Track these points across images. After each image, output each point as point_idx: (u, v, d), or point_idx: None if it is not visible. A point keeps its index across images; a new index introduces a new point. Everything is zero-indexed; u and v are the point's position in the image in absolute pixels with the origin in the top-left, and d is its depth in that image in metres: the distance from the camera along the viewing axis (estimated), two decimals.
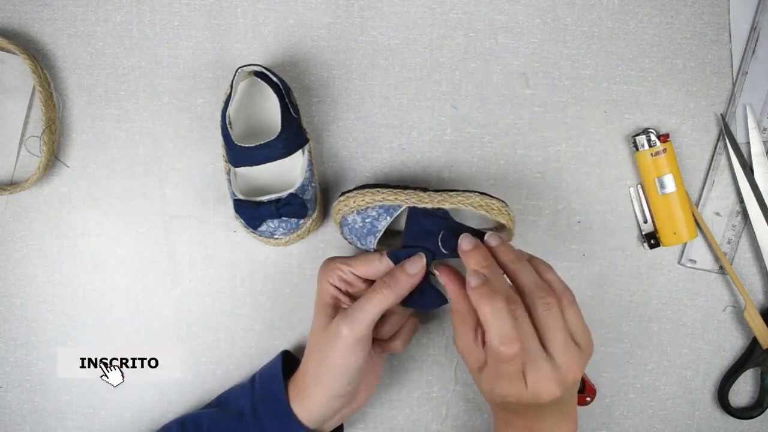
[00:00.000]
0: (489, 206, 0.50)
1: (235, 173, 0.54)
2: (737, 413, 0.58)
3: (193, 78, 0.57)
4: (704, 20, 0.57)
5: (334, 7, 0.57)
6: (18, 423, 0.60)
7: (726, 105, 0.58)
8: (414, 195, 0.50)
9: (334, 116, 0.57)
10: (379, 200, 0.50)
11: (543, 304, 0.44)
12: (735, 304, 0.59)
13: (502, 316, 0.42)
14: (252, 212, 0.52)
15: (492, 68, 0.57)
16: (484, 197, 0.50)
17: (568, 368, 0.43)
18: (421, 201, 0.50)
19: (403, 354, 0.59)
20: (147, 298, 0.59)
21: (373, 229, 0.51)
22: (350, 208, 0.51)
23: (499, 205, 0.50)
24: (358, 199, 0.51)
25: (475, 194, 0.50)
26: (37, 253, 0.59)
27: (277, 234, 0.53)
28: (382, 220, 0.51)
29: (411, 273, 0.48)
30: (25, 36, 0.57)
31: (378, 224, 0.51)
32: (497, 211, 0.50)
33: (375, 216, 0.51)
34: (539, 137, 0.58)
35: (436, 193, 0.51)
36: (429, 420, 0.59)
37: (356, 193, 0.51)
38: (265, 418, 0.50)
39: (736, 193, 0.58)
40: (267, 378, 0.53)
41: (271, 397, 0.51)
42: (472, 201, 0.50)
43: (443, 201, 0.50)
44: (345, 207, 0.52)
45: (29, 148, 0.58)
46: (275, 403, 0.50)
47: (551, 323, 0.43)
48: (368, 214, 0.51)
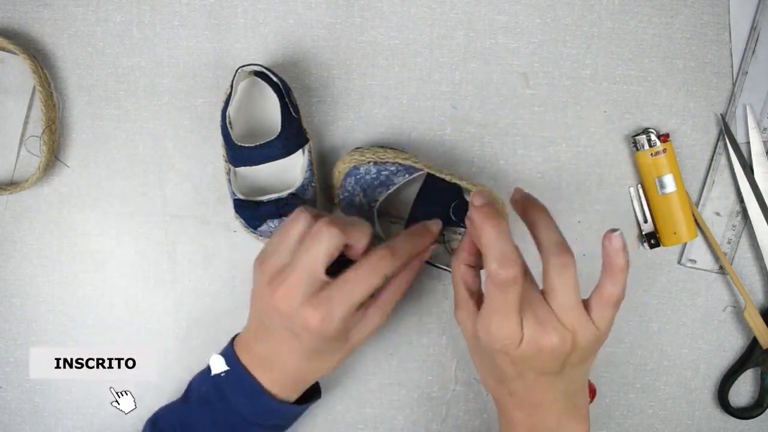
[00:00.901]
0: (495, 200, 0.52)
1: (235, 173, 0.54)
2: (737, 413, 0.58)
3: (193, 78, 0.57)
4: (704, 20, 0.57)
5: (334, 7, 0.57)
6: (18, 423, 0.60)
7: (726, 105, 0.58)
8: (435, 166, 0.53)
9: (334, 116, 0.57)
10: (401, 159, 0.52)
11: (559, 264, 0.39)
12: (735, 304, 0.59)
13: (504, 238, 0.39)
14: (252, 212, 0.52)
15: (492, 68, 0.57)
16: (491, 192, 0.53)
17: (574, 328, 0.40)
18: (440, 172, 0.53)
19: (403, 354, 0.59)
20: (147, 298, 0.59)
21: (387, 182, 0.52)
22: (367, 159, 0.52)
23: (502, 204, 0.53)
24: (379, 153, 0.53)
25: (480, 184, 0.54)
26: (37, 253, 0.59)
27: None
28: (401, 176, 0.52)
29: (434, 231, 0.48)
30: (25, 36, 0.57)
31: (395, 179, 0.52)
32: (500, 205, 0.53)
33: (393, 171, 0.52)
34: (539, 137, 0.58)
35: (452, 172, 0.54)
36: (429, 420, 0.59)
37: (379, 148, 0.54)
38: (232, 399, 0.47)
39: (736, 193, 0.58)
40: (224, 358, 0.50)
41: (234, 376, 0.48)
42: (479, 187, 0.53)
43: (458, 179, 0.53)
44: (361, 157, 0.52)
45: (29, 148, 0.58)
46: (239, 381, 0.47)
47: (563, 282, 0.39)
48: (386, 168, 0.52)
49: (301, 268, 0.43)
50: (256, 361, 0.48)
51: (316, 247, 0.43)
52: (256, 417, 0.48)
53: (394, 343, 0.59)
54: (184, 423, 0.49)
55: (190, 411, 0.49)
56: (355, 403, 0.59)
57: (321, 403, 0.59)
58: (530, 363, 0.41)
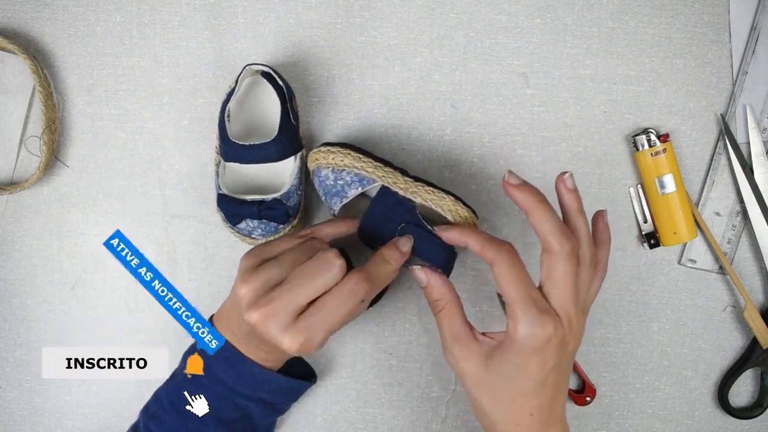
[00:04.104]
0: (457, 213, 0.49)
1: (225, 167, 0.54)
2: (737, 413, 0.58)
3: (193, 78, 0.57)
4: (704, 20, 0.57)
5: (334, 7, 0.57)
6: (18, 423, 0.60)
7: (726, 105, 0.58)
8: (392, 176, 0.50)
9: (334, 116, 0.57)
10: (357, 167, 0.49)
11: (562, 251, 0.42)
12: (735, 304, 0.59)
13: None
14: (234, 209, 0.52)
15: (492, 68, 0.57)
16: (456, 203, 0.49)
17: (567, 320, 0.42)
18: (395, 184, 0.49)
19: (403, 354, 0.59)
20: (147, 298, 0.59)
21: (341, 193, 0.50)
22: (327, 162, 0.50)
23: (467, 215, 0.50)
24: (338, 157, 0.50)
25: (449, 197, 0.50)
26: (37, 253, 0.59)
27: (254, 234, 0.53)
28: (354, 188, 0.49)
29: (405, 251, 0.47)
30: (25, 36, 0.57)
31: (348, 191, 0.50)
32: (462, 220, 0.49)
33: (348, 181, 0.50)
34: (539, 137, 0.58)
35: (413, 183, 0.50)
36: (429, 420, 0.59)
37: (338, 150, 0.50)
38: (214, 367, 0.47)
39: (736, 193, 0.58)
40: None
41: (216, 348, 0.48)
42: (443, 204, 0.49)
43: (416, 194, 0.49)
44: (323, 160, 0.50)
45: (29, 148, 0.58)
46: (220, 350, 0.47)
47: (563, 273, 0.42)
48: (342, 177, 0.50)
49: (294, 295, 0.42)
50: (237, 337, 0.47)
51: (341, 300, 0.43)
52: (239, 385, 0.47)
53: (394, 343, 0.59)
54: (172, 401, 0.49)
55: (177, 387, 0.49)
56: (355, 403, 0.59)
57: (321, 403, 0.59)
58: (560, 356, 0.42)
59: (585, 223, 0.45)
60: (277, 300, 0.42)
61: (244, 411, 0.48)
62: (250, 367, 0.47)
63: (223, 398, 0.47)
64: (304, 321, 0.42)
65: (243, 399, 0.48)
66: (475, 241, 0.44)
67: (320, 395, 0.59)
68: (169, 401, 0.49)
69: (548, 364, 0.42)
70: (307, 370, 0.56)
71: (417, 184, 0.50)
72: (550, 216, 0.42)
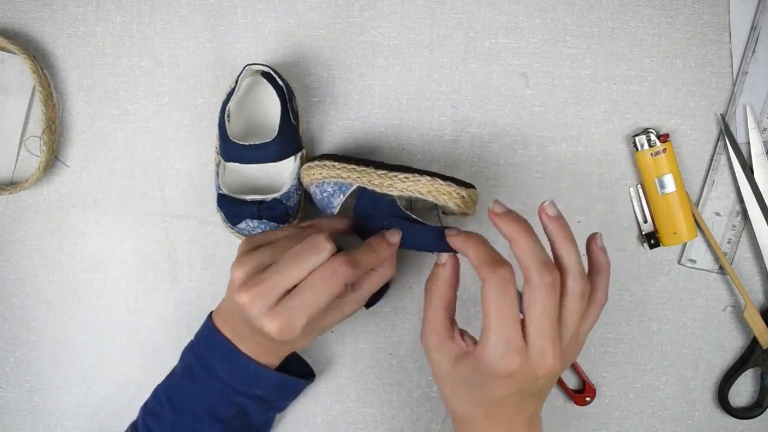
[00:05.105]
0: (438, 191, 0.47)
1: (225, 167, 0.54)
2: (737, 413, 0.58)
3: (193, 78, 0.57)
4: (704, 20, 0.57)
5: (334, 7, 0.57)
6: (18, 423, 0.60)
7: (726, 105, 0.58)
8: (366, 174, 0.48)
9: (334, 116, 0.57)
10: (333, 176, 0.49)
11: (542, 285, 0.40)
12: (735, 304, 0.59)
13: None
14: (234, 209, 0.52)
15: (492, 68, 0.57)
16: (433, 181, 0.47)
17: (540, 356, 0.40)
18: (371, 182, 0.48)
19: (403, 354, 0.59)
20: (147, 298, 0.59)
21: (330, 205, 0.50)
22: (311, 179, 0.50)
23: (449, 189, 0.47)
24: (316, 171, 0.50)
25: (424, 178, 0.47)
26: (37, 253, 0.59)
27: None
28: (336, 197, 0.49)
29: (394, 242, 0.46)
30: (25, 36, 0.57)
31: (333, 201, 0.50)
32: (447, 196, 0.47)
33: (330, 192, 0.50)
34: (539, 137, 0.58)
35: (388, 176, 0.48)
36: (429, 420, 0.59)
37: (316, 164, 0.50)
38: (211, 363, 0.47)
39: (736, 193, 0.58)
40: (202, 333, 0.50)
41: (212, 344, 0.48)
42: (420, 187, 0.47)
43: (391, 186, 0.47)
44: (306, 177, 0.51)
45: (29, 148, 0.58)
46: (217, 347, 0.47)
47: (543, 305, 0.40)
48: (325, 189, 0.50)
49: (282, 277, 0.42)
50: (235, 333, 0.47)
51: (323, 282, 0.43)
52: (235, 382, 0.47)
53: (394, 343, 0.59)
54: (170, 396, 0.49)
55: (175, 384, 0.49)
56: (355, 403, 0.59)
57: (321, 403, 0.59)
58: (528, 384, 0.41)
59: (573, 252, 0.42)
60: (265, 281, 0.42)
61: (240, 408, 0.48)
62: (246, 363, 0.47)
63: (220, 394, 0.47)
64: (284, 303, 0.42)
65: (239, 395, 0.48)
66: (473, 254, 0.43)
67: (320, 395, 0.59)
68: (167, 398, 0.49)
69: (510, 389, 0.41)
70: (306, 370, 0.56)
71: (392, 175, 0.48)
72: (532, 246, 0.40)
